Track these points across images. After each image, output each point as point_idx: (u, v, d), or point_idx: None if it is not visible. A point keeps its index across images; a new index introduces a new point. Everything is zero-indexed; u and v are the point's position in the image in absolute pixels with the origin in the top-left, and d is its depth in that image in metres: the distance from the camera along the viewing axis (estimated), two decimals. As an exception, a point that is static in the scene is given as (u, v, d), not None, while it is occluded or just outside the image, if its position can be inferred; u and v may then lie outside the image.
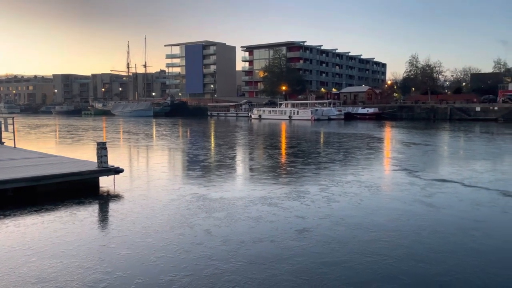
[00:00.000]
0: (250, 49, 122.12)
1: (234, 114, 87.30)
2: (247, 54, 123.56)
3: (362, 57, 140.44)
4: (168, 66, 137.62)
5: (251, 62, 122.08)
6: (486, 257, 6.91)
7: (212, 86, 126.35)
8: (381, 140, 30.73)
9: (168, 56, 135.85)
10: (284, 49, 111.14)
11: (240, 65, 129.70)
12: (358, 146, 25.67)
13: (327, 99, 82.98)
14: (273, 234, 8.01)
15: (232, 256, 6.85)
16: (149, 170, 16.68)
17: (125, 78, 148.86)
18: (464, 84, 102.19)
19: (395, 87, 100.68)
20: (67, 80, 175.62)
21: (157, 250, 7.10)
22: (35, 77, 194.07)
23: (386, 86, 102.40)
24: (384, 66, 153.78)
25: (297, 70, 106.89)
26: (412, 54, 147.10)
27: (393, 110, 70.40)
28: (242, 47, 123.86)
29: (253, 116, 76.39)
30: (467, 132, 38.54)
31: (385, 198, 11.17)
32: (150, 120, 74.11)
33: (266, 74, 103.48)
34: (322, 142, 29.81)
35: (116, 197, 11.29)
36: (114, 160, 15.28)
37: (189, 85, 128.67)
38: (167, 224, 8.66)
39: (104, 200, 11.10)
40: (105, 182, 12.57)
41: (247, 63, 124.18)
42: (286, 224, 8.66)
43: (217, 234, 7.97)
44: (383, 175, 15.33)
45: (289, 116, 69.59)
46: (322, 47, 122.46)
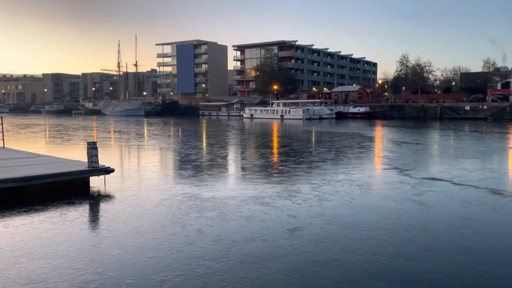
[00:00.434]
0: (241, 48, 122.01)
1: (226, 114, 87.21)
2: (239, 53, 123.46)
3: (353, 56, 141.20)
4: (159, 65, 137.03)
5: (243, 61, 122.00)
6: (475, 254, 6.98)
7: (203, 85, 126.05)
8: (372, 139, 30.90)
9: (159, 55, 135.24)
10: (275, 48, 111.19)
11: (231, 64, 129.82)
12: (350, 145, 25.78)
13: (319, 99, 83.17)
14: (265, 233, 8.01)
15: (223, 255, 6.84)
16: (140, 170, 16.59)
17: (115, 78, 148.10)
18: (453, 83, 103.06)
19: (386, 87, 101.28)
20: (57, 79, 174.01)
21: (148, 250, 7.07)
22: (25, 76, 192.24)
23: (377, 85, 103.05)
24: (375, 65, 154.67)
25: (288, 70, 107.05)
26: (402, 53, 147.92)
27: (384, 109, 70.80)
28: (233, 46, 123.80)
29: (245, 115, 76.37)
30: (457, 131, 38.90)
31: (376, 197, 11.24)
32: (141, 119, 73.70)
33: (257, 73, 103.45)
34: (313, 141, 29.89)
35: (107, 197, 11.21)
36: (104, 160, 15.15)
37: (180, 84, 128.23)
38: (159, 224, 8.63)
39: (94, 200, 11.02)
40: (95, 182, 12.47)
41: (239, 62, 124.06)
42: (277, 223, 8.67)
43: (208, 234, 7.95)
44: (374, 174, 15.42)
45: (280, 115, 69.72)
46: (313, 47, 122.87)
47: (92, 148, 11.87)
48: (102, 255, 6.88)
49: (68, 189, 11.49)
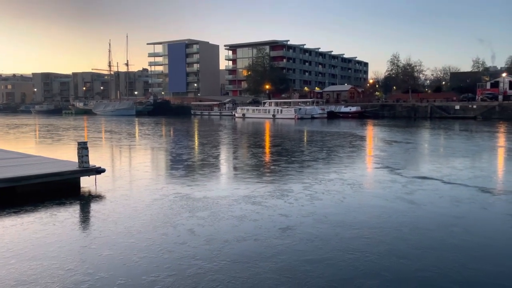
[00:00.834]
0: (233, 47, 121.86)
1: (218, 113, 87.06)
2: (231, 52, 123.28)
3: (344, 56, 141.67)
4: (150, 64, 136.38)
5: (235, 61, 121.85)
6: (465, 252, 7.06)
7: (195, 85, 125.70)
8: (363, 138, 31.05)
9: (150, 54, 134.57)
10: (267, 48, 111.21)
11: (223, 63, 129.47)
12: (341, 144, 25.89)
13: (310, 98, 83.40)
14: (256, 232, 8.02)
15: (215, 255, 6.84)
16: (131, 170, 16.51)
17: (106, 77, 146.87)
18: (444, 83, 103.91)
19: (377, 86, 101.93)
20: (47, 78, 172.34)
21: (139, 251, 7.04)
22: (14, 75, 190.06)
23: (368, 85, 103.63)
24: (366, 65, 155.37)
25: (280, 69, 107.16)
26: (393, 53, 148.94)
27: (375, 108, 71.18)
28: (225, 46, 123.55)
29: (237, 115, 76.29)
30: (447, 130, 39.24)
31: (367, 196, 11.31)
32: (133, 119, 73.31)
33: (249, 72, 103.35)
34: (305, 141, 29.97)
35: (97, 197, 11.14)
36: (95, 160, 15.05)
37: (172, 83, 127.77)
38: (150, 224, 8.60)
39: (85, 200, 10.94)
40: (86, 183, 12.39)
41: (231, 62, 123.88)
42: (269, 222, 8.69)
43: (200, 234, 7.94)
44: (365, 173, 15.50)
45: (272, 115, 69.76)
46: (305, 46, 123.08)
47: (82, 148, 11.79)
48: (93, 256, 6.84)
49: (58, 189, 11.41)
